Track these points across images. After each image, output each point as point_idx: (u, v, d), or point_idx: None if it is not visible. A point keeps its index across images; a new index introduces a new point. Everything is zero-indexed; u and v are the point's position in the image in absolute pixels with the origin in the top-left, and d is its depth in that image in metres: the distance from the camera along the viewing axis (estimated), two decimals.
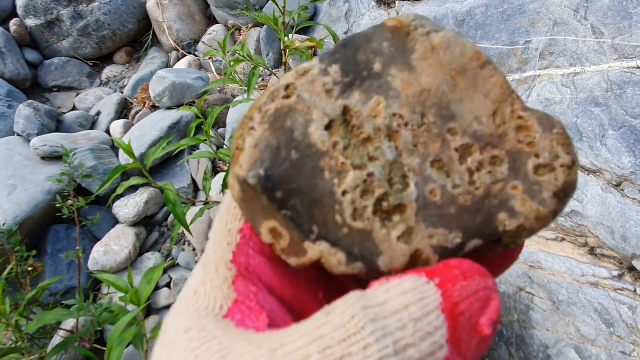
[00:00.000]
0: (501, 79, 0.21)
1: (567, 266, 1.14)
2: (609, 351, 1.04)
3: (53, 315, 1.13)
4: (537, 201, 0.19)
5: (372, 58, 0.22)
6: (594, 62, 1.14)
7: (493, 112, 0.21)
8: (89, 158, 1.85)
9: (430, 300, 0.16)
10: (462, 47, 0.22)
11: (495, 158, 0.20)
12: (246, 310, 0.20)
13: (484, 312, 0.17)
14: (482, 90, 0.21)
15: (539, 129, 0.20)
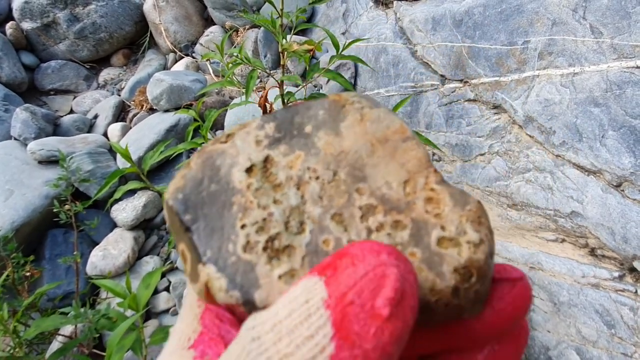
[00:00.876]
0: (421, 153, 0.23)
1: (568, 267, 1.13)
2: (610, 353, 1.04)
3: (50, 322, 1.12)
4: (434, 273, 0.19)
5: (306, 121, 0.24)
6: (593, 62, 1.14)
7: (405, 180, 0.22)
8: (86, 162, 1.84)
9: (314, 300, 0.15)
10: (389, 121, 0.24)
11: (397, 222, 0.21)
12: (207, 340, 0.20)
13: (377, 293, 0.15)
14: (400, 160, 0.22)
15: (449, 202, 0.21)
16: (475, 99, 1.41)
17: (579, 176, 1.11)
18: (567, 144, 1.14)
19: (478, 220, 0.20)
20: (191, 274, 0.21)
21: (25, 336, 1.16)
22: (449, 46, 1.53)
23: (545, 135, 1.19)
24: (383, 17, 1.92)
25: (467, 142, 1.42)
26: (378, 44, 1.89)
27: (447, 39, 1.54)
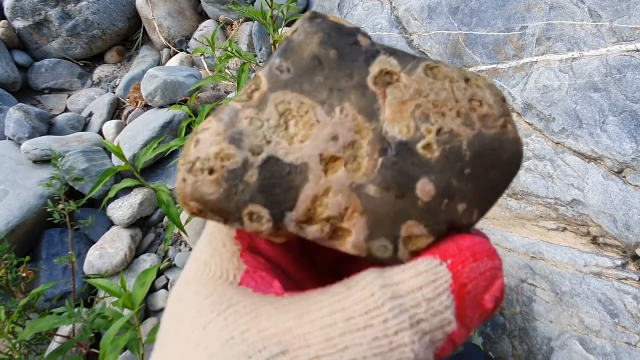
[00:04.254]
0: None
1: (570, 256, 1.12)
2: (614, 342, 1.02)
3: (45, 323, 1.11)
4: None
5: None
6: (592, 46, 1.11)
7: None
8: (80, 160, 1.82)
9: (441, 282, 0.19)
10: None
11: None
12: (258, 279, 0.22)
13: (488, 290, 0.20)
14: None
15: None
16: None
17: (580, 163, 1.09)
18: (567, 131, 1.12)
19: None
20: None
21: (21, 338, 1.14)
22: (446, 34, 1.50)
23: (545, 123, 1.17)
24: (379, 6, 1.89)
25: None
26: (374, 34, 1.86)
27: (443, 27, 1.52)
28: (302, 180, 0.21)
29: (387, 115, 0.21)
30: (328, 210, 0.21)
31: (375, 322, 0.18)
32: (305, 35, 0.22)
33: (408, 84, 0.22)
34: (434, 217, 0.21)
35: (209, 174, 0.21)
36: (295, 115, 0.21)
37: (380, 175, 0.21)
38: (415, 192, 0.21)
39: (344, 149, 0.21)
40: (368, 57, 0.22)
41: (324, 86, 0.22)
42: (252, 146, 0.21)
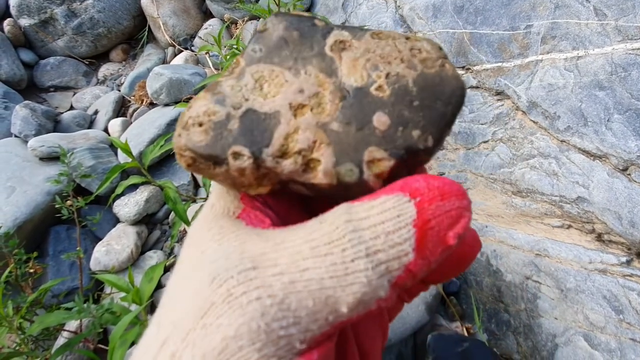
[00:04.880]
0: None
1: (574, 253, 1.12)
2: (619, 338, 1.03)
3: (54, 318, 1.12)
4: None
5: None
6: (597, 44, 1.12)
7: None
8: (87, 157, 1.83)
9: (405, 217, 0.21)
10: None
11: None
12: (252, 215, 0.25)
13: (452, 227, 0.21)
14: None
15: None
16: (477, 85, 1.40)
17: (585, 161, 1.10)
18: (572, 129, 1.13)
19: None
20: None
21: (29, 332, 1.16)
22: (450, 33, 1.51)
23: (550, 121, 1.17)
24: (383, 5, 1.90)
25: (470, 129, 1.40)
26: None
27: (448, 26, 1.52)
28: (275, 123, 0.25)
29: (344, 70, 0.26)
30: (299, 144, 0.24)
31: (335, 250, 0.20)
32: (272, 25, 0.27)
33: (358, 46, 0.26)
34: (391, 142, 0.25)
35: (199, 126, 0.25)
36: (267, 80, 0.26)
37: (341, 114, 0.25)
38: (373, 124, 0.25)
39: (309, 99, 0.25)
40: (324, 33, 0.27)
41: (290, 57, 0.26)
42: (233, 103, 0.25)
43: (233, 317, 0.19)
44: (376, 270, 0.20)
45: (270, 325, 0.19)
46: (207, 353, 0.19)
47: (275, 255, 0.21)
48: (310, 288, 0.20)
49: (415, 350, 1.35)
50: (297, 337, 0.19)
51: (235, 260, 0.21)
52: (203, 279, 0.21)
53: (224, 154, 0.24)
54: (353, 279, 0.20)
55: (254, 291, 0.20)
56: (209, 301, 0.20)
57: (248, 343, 0.19)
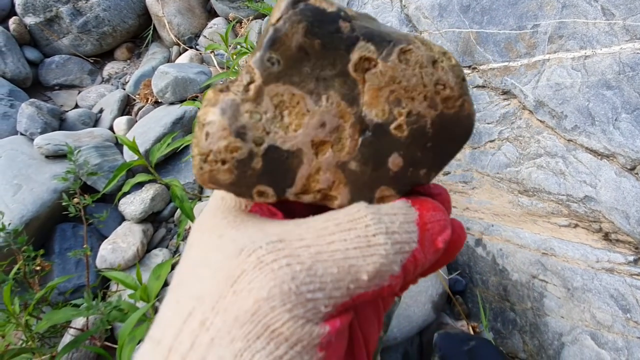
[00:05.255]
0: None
1: (581, 252, 1.12)
2: (626, 337, 1.03)
3: (62, 315, 1.12)
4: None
5: None
6: (604, 44, 1.12)
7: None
8: (93, 155, 1.84)
9: (410, 215, 0.25)
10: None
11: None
12: (265, 208, 0.27)
13: (441, 233, 0.25)
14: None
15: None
16: (484, 85, 1.40)
17: (592, 160, 1.10)
18: (579, 128, 1.13)
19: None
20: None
21: (37, 329, 1.16)
22: (457, 32, 1.51)
23: (557, 120, 1.18)
24: (388, 4, 1.90)
25: (476, 129, 1.40)
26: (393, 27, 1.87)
27: (454, 25, 1.52)
28: (298, 163, 0.25)
29: (366, 99, 0.25)
30: (319, 184, 0.26)
31: (358, 226, 0.23)
32: (290, 24, 0.24)
33: (384, 71, 0.25)
34: (401, 181, 0.27)
35: (222, 164, 0.24)
36: (288, 106, 0.25)
37: (359, 153, 0.26)
38: (388, 165, 0.26)
39: (331, 133, 0.25)
40: (348, 45, 0.25)
41: (311, 76, 0.25)
42: (254, 138, 0.24)
43: (265, 281, 0.20)
44: (393, 247, 0.23)
45: (299, 288, 0.20)
46: (240, 315, 0.20)
47: (299, 231, 0.23)
48: (335, 257, 0.22)
49: (422, 349, 1.35)
50: (323, 302, 0.21)
51: (258, 236, 0.22)
52: (227, 254, 0.22)
53: (248, 192, 0.25)
54: (374, 250, 0.22)
55: (283, 259, 0.21)
56: (239, 269, 0.21)
57: (280, 304, 0.20)
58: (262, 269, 0.21)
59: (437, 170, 0.27)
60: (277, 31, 0.24)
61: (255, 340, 0.20)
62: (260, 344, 0.19)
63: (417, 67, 0.26)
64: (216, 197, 0.28)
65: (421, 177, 0.27)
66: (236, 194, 0.26)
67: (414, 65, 0.26)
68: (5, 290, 1.13)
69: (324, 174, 0.25)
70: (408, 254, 0.23)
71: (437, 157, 0.27)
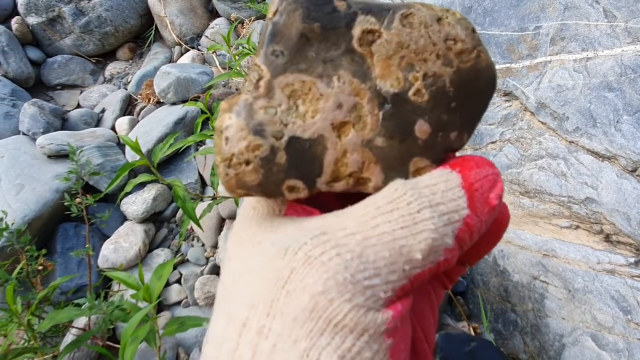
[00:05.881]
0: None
1: (582, 254, 1.13)
2: (627, 338, 1.03)
3: (65, 314, 1.13)
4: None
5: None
6: (606, 46, 1.12)
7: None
8: (95, 155, 1.84)
9: (453, 181, 0.23)
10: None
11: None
12: (300, 209, 0.26)
13: (492, 190, 0.24)
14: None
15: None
16: None
17: (593, 162, 1.10)
18: (581, 130, 1.13)
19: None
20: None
21: (40, 329, 1.16)
22: None
23: (558, 122, 1.18)
24: None
25: (477, 130, 1.41)
26: None
27: None
28: (322, 149, 0.24)
29: (378, 72, 0.25)
30: (349, 167, 0.25)
31: (400, 205, 0.22)
32: (287, 15, 0.24)
33: (389, 39, 0.25)
34: (433, 149, 0.25)
35: (246, 165, 0.24)
36: (300, 95, 0.24)
37: (383, 127, 0.25)
38: (415, 134, 0.25)
39: (349, 113, 0.24)
40: (348, 21, 0.25)
41: (317, 59, 0.25)
42: (273, 132, 0.24)
43: (317, 275, 0.20)
44: (441, 219, 0.22)
45: (355, 277, 0.20)
46: (299, 315, 0.19)
47: (340, 222, 0.22)
48: (384, 240, 0.21)
49: None
50: (381, 287, 0.20)
51: (300, 234, 0.22)
52: (271, 256, 0.21)
53: (278, 189, 0.24)
54: (422, 226, 0.21)
55: (331, 250, 0.20)
56: (288, 269, 0.20)
57: (338, 295, 0.19)
58: (311, 264, 0.20)
59: (469, 131, 0.26)
60: (275, 24, 0.24)
61: (319, 337, 0.19)
62: (325, 340, 0.19)
63: (423, 28, 0.25)
64: (247, 208, 0.27)
65: (453, 141, 0.25)
66: (267, 195, 0.25)
67: (419, 27, 0.25)
68: (8, 290, 1.13)
69: (351, 155, 0.24)
70: (459, 223, 0.22)
71: (465, 116, 0.26)
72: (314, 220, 0.23)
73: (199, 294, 1.58)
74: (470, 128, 0.26)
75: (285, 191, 0.25)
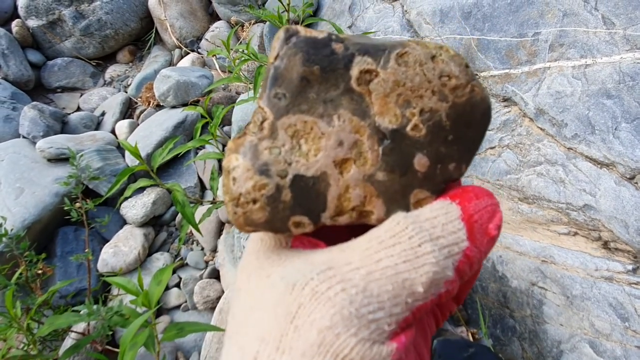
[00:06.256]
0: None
1: (581, 260, 1.13)
2: (624, 346, 1.03)
3: (64, 319, 1.13)
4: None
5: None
6: (605, 53, 1.12)
7: None
8: (95, 159, 1.85)
9: (452, 213, 0.24)
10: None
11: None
12: (306, 241, 0.27)
13: (491, 220, 0.24)
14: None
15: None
16: None
17: (592, 169, 1.10)
18: (580, 137, 1.13)
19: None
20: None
21: (39, 334, 1.17)
22: (458, 39, 1.52)
23: (557, 128, 1.18)
24: (390, 10, 1.91)
25: None
26: (385, 37, 1.88)
27: (455, 32, 1.53)
28: (326, 185, 0.25)
29: (376, 109, 0.26)
30: (352, 202, 0.25)
31: (402, 239, 0.23)
32: (287, 59, 0.26)
33: (386, 78, 0.26)
34: (432, 180, 0.26)
35: (254, 203, 0.25)
36: (303, 134, 0.25)
37: (383, 162, 0.25)
38: (414, 167, 0.26)
39: (350, 150, 0.25)
40: (346, 62, 0.26)
41: (318, 100, 0.26)
42: (278, 171, 0.25)
43: (324, 310, 0.20)
44: (442, 252, 0.22)
45: (359, 311, 0.20)
46: (307, 350, 0.20)
47: (345, 256, 0.23)
48: (387, 274, 0.22)
49: None
50: (385, 320, 0.21)
51: (307, 268, 0.23)
52: (280, 291, 0.22)
53: (284, 225, 0.25)
54: (423, 260, 0.22)
55: (337, 285, 0.21)
56: (296, 304, 0.21)
57: (344, 330, 0.20)
58: (318, 299, 0.21)
59: (467, 162, 0.27)
60: (277, 68, 0.26)
61: None
62: None
63: (417, 66, 0.26)
64: (255, 240, 0.28)
65: (452, 172, 0.26)
66: (274, 231, 0.26)
67: (414, 65, 0.26)
68: (7, 295, 1.14)
69: (353, 190, 0.25)
70: (459, 255, 0.23)
71: (462, 148, 0.26)
72: (320, 255, 0.24)
73: (198, 298, 1.58)
74: (468, 158, 0.27)
75: (291, 227, 0.25)
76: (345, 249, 0.23)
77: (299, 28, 0.26)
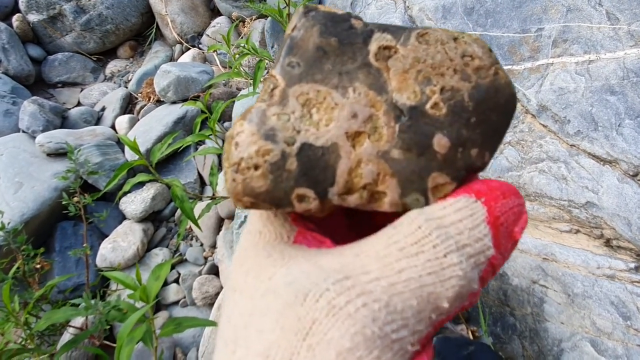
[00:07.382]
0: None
1: (582, 258, 1.12)
2: (626, 344, 1.02)
3: (62, 314, 1.12)
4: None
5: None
6: (609, 49, 1.11)
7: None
8: (94, 154, 1.84)
9: (478, 215, 0.22)
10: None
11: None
12: (310, 237, 0.24)
13: (517, 223, 0.23)
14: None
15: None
16: None
17: (595, 166, 1.09)
18: (582, 133, 1.12)
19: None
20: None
21: (37, 328, 1.16)
22: None
23: (560, 125, 1.17)
24: (392, 5, 1.89)
25: None
26: None
27: (458, 28, 1.52)
28: (336, 157, 0.23)
29: (394, 85, 0.24)
30: (363, 179, 0.23)
31: (425, 248, 0.20)
32: (304, 30, 0.25)
33: (405, 54, 0.24)
34: (453, 165, 0.24)
35: (255, 169, 0.23)
36: (315, 103, 0.24)
37: (400, 139, 0.24)
38: (433, 147, 0.24)
39: (365, 123, 0.24)
40: (365, 37, 0.25)
41: (333, 71, 0.24)
42: (285, 138, 0.23)
43: (344, 328, 0.18)
44: (468, 263, 0.21)
45: (383, 330, 0.18)
46: None
47: (360, 262, 0.20)
48: (411, 287, 0.20)
49: None
50: (408, 339, 0.19)
51: (319, 275, 0.20)
52: (287, 300, 0.20)
53: (287, 198, 0.23)
54: (450, 272, 0.20)
55: (357, 299, 0.19)
56: (309, 319, 0.19)
57: (366, 352, 0.18)
58: (336, 315, 0.18)
59: (491, 150, 0.25)
60: (293, 38, 0.25)
61: None
62: None
63: (439, 44, 0.25)
64: (252, 232, 0.25)
65: (474, 159, 0.24)
66: (275, 204, 0.23)
67: (435, 44, 0.25)
68: (4, 289, 1.13)
69: (366, 165, 0.23)
70: (484, 264, 0.21)
71: (486, 133, 0.24)
72: (330, 257, 0.21)
73: (197, 294, 1.57)
74: (492, 146, 0.25)
75: (294, 200, 0.23)
76: (359, 253, 0.21)
77: (318, 5, 0.25)
